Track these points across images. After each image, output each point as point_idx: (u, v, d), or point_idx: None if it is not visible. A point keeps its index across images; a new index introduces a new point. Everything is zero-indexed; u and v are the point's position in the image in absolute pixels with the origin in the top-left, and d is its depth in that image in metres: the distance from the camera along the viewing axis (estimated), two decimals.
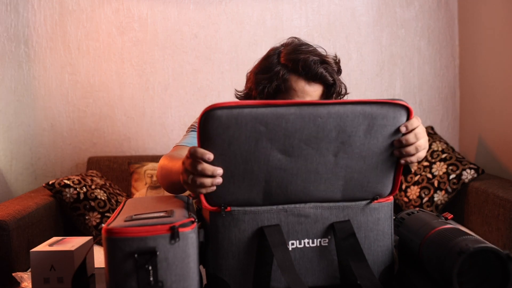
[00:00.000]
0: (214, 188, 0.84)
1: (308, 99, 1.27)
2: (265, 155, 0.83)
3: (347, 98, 1.36)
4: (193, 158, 0.83)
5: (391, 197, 0.94)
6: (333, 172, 0.87)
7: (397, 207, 2.25)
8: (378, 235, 0.92)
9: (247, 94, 1.39)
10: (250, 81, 1.37)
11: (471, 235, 0.84)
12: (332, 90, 1.29)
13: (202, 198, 0.90)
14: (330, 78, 1.27)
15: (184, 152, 1.16)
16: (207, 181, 0.83)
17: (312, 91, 1.28)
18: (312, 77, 1.26)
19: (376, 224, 0.92)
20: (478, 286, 0.81)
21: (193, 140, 1.38)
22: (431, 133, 2.41)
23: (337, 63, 1.32)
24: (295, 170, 0.86)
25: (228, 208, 0.88)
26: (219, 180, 0.84)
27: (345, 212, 0.91)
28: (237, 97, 1.42)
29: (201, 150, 0.82)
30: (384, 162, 0.88)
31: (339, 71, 1.32)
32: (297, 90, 1.28)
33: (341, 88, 1.31)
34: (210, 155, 0.81)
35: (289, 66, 1.28)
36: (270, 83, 1.29)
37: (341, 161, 0.86)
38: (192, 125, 1.44)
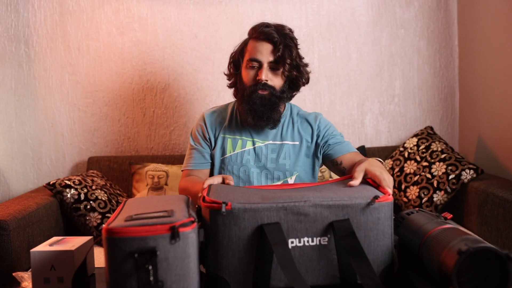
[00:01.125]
0: None
1: (258, 55, 1.52)
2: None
3: (298, 69, 1.61)
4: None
5: (391, 197, 0.94)
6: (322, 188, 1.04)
7: (397, 207, 2.25)
8: (378, 234, 0.93)
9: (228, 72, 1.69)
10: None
11: (471, 235, 0.85)
12: (278, 46, 1.51)
13: (205, 193, 0.96)
14: (275, 36, 1.51)
15: (197, 174, 1.60)
16: None
17: (262, 49, 1.52)
18: (259, 36, 1.53)
19: (376, 224, 0.92)
20: (478, 286, 0.81)
21: (198, 160, 1.63)
22: (430, 133, 2.42)
23: (291, 31, 1.58)
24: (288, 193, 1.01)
25: (229, 204, 0.89)
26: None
27: (345, 211, 0.91)
28: (225, 74, 1.71)
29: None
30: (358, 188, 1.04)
31: (292, 39, 1.56)
32: (250, 49, 1.55)
33: (291, 50, 1.53)
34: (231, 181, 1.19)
35: (249, 34, 1.60)
36: (235, 54, 1.63)
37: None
38: (191, 139, 1.68)
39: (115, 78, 2.54)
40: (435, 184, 2.15)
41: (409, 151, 2.37)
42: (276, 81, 1.54)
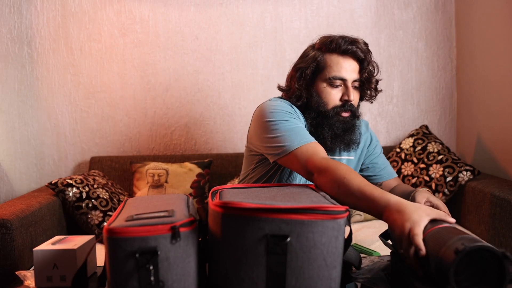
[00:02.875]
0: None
1: (343, 72, 1.39)
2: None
3: (379, 84, 1.51)
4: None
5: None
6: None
7: None
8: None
9: (288, 86, 1.50)
10: (290, 73, 1.49)
11: (468, 234, 0.85)
12: (365, 65, 1.41)
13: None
14: (361, 54, 1.39)
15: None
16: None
17: (347, 65, 1.40)
18: (344, 51, 1.39)
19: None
20: (475, 284, 0.81)
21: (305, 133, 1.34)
22: (426, 133, 2.41)
23: (366, 45, 1.44)
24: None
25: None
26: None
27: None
28: (279, 89, 1.55)
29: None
30: None
31: (369, 52, 1.44)
32: (332, 65, 1.40)
33: (374, 68, 1.45)
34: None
35: (322, 49, 1.43)
36: (306, 67, 1.43)
37: None
38: (282, 115, 1.36)
39: (117, 79, 2.56)
40: (433, 187, 2.15)
41: (406, 152, 2.37)
42: (356, 101, 1.45)
